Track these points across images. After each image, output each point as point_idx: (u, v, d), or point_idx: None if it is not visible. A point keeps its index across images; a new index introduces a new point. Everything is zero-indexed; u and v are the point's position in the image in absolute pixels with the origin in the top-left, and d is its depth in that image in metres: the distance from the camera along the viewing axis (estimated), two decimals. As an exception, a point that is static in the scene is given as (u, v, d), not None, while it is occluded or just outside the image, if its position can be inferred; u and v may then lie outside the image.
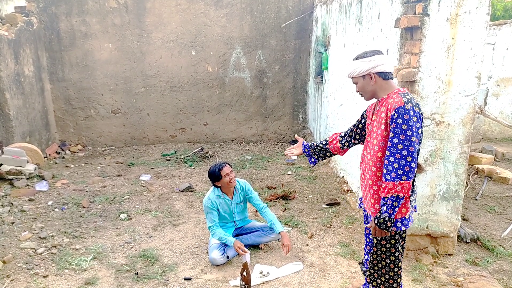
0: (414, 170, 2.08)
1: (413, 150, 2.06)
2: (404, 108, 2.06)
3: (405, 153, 2.05)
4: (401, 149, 2.06)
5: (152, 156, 7.01)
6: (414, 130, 2.06)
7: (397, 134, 2.07)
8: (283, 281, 3.20)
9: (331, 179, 5.54)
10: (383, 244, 2.35)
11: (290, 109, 7.92)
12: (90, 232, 4.03)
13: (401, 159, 2.06)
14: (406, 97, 2.12)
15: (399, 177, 2.06)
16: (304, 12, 7.37)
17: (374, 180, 2.28)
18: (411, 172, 2.07)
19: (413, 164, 2.06)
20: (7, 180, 4.97)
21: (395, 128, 2.08)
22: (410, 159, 2.05)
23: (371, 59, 2.22)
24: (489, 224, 4.21)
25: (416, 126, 2.08)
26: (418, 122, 2.09)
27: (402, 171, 2.06)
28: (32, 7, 6.76)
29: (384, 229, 2.16)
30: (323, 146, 2.76)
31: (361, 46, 4.42)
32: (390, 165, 2.09)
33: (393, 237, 2.32)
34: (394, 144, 2.08)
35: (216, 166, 3.52)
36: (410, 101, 2.10)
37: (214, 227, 3.52)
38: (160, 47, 7.28)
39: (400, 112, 2.07)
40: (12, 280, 3.16)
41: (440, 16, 3.01)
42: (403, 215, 2.24)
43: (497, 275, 3.30)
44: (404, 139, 2.05)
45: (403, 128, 2.06)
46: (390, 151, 2.10)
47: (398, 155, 2.06)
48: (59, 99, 7.26)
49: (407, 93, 2.18)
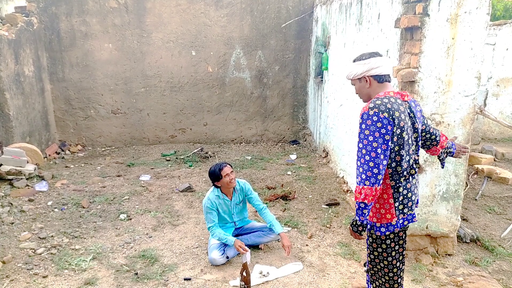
0: (376, 176, 2.05)
1: (375, 156, 2.03)
2: (368, 114, 2.07)
3: (367, 159, 2.05)
4: (364, 154, 2.07)
5: (152, 156, 7.01)
6: (377, 136, 2.04)
7: (361, 139, 2.09)
8: (282, 281, 3.20)
9: (331, 179, 5.54)
10: (375, 247, 2.35)
11: (290, 109, 7.92)
12: (89, 233, 4.03)
13: (364, 164, 2.07)
14: (376, 102, 2.09)
15: (362, 182, 2.07)
16: (304, 12, 7.37)
17: None
18: (373, 177, 2.05)
19: (375, 170, 2.04)
20: (6, 180, 4.97)
21: (360, 133, 2.10)
22: (372, 164, 2.04)
23: (366, 62, 2.22)
24: (488, 224, 4.21)
25: (381, 132, 2.04)
26: (383, 128, 2.04)
27: (365, 175, 2.06)
28: (32, 7, 6.76)
29: (356, 232, 2.20)
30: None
31: (361, 46, 4.42)
32: (357, 169, 2.11)
33: (384, 242, 2.31)
34: (359, 149, 2.10)
35: (217, 166, 3.52)
36: (376, 107, 2.06)
37: (213, 227, 3.52)
38: (160, 47, 7.28)
39: (363, 117, 2.08)
40: (12, 280, 3.16)
41: (440, 16, 3.01)
42: (388, 221, 2.23)
43: (496, 275, 3.30)
44: (366, 145, 2.06)
45: (365, 133, 2.06)
46: (357, 155, 2.12)
47: (362, 159, 2.08)
48: (59, 99, 7.26)
49: (384, 97, 2.13)
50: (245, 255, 3.09)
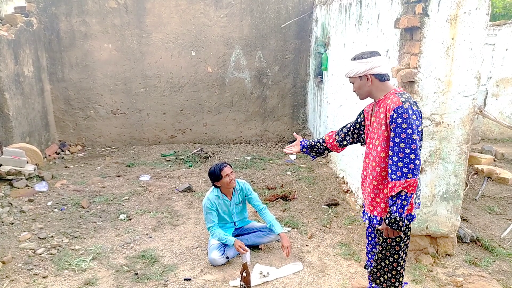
0: (418, 167, 2.11)
1: (415, 147, 2.09)
2: (403, 108, 2.11)
3: (408, 151, 2.08)
4: (404, 148, 2.09)
5: (151, 157, 7.01)
6: (414, 128, 2.09)
7: (398, 133, 2.11)
8: (282, 282, 3.20)
9: (331, 180, 5.54)
10: (389, 242, 2.37)
11: (290, 109, 7.92)
12: (89, 233, 4.03)
13: (404, 158, 2.09)
14: (403, 96, 2.17)
15: (404, 176, 2.09)
16: (304, 13, 7.37)
17: (379, 180, 2.30)
18: (416, 169, 2.09)
19: (417, 162, 2.09)
20: (6, 180, 4.97)
21: (396, 127, 2.11)
22: (413, 156, 2.08)
23: (369, 60, 2.26)
24: (488, 224, 4.21)
25: (416, 124, 2.11)
26: (417, 120, 2.13)
27: (407, 169, 2.09)
28: (32, 8, 6.76)
29: (396, 229, 2.19)
30: (321, 144, 2.79)
31: (360, 47, 4.42)
32: (395, 164, 2.12)
33: (399, 235, 2.33)
34: (396, 144, 2.11)
35: (217, 166, 3.52)
36: (407, 100, 2.14)
37: (213, 227, 3.52)
38: (160, 47, 7.28)
39: (398, 111, 2.11)
40: (12, 280, 3.16)
41: (439, 16, 3.01)
42: (408, 212, 2.27)
43: (496, 276, 3.30)
44: (405, 138, 2.09)
45: (403, 127, 2.09)
46: (393, 150, 2.13)
47: (401, 153, 2.09)
48: (58, 99, 7.26)
49: (403, 92, 2.22)
50: (245, 255, 3.09)
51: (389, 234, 2.24)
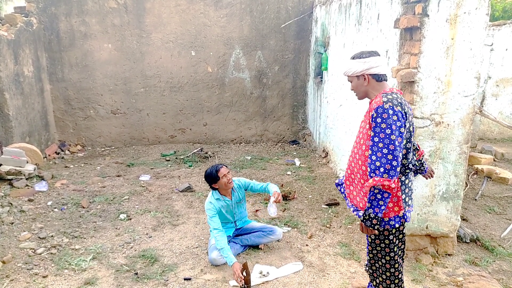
0: (395, 168, 2.10)
1: (394, 148, 2.09)
2: (383, 108, 2.11)
3: (386, 151, 2.09)
4: (382, 147, 2.10)
5: (151, 157, 7.01)
6: (394, 129, 2.09)
7: (377, 133, 2.12)
8: (282, 281, 3.20)
9: (331, 180, 5.54)
10: (377, 243, 2.36)
11: (290, 109, 7.93)
12: (89, 232, 4.03)
13: (382, 157, 2.10)
14: (387, 97, 2.16)
15: (380, 175, 2.10)
16: (303, 13, 7.37)
17: (365, 178, 2.30)
18: (392, 170, 2.09)
19: (394, 162, 2.09)
20: (6, 180, 4.97)
21: (375, 127, 2.13)
22: (391, 157, 2.08)
23: (366, 60, 2.26)
24: (488, 224, 4.21)
25: (397, 124, 2.10)
26: (398, 120, 2.11)
27: (383, 168, 2.09)
28: (32, 8, 6.76)
29: (370, 227, 2.19)
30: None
31: (360, 47, 4.42)
32: (373, 163, 2.13)
33: (387, 237, 2.33)
34: (375, 143, 2.13)
35: (213, 167, 3.51)
36: (389, 101, 2.12)
37: (219, 235, 3.39)
38: (159, 47, 7.28)
39: (378, 111, 2.12)
40: (12, 280, 3.16)
41: (439, 16, 3.01)
42: (396, 213, 2.26)
43: (496, 275, 3.30)
44: (384, 138, 2.10)
45: (382, 127, 2.10)
46: (372, 149, 2.14)
47: (379, 153, 2.10)
48: (58, 99, 7.26)
49: (391, 93, 2.21)
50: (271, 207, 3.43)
51: (363, 230, 2.26)
